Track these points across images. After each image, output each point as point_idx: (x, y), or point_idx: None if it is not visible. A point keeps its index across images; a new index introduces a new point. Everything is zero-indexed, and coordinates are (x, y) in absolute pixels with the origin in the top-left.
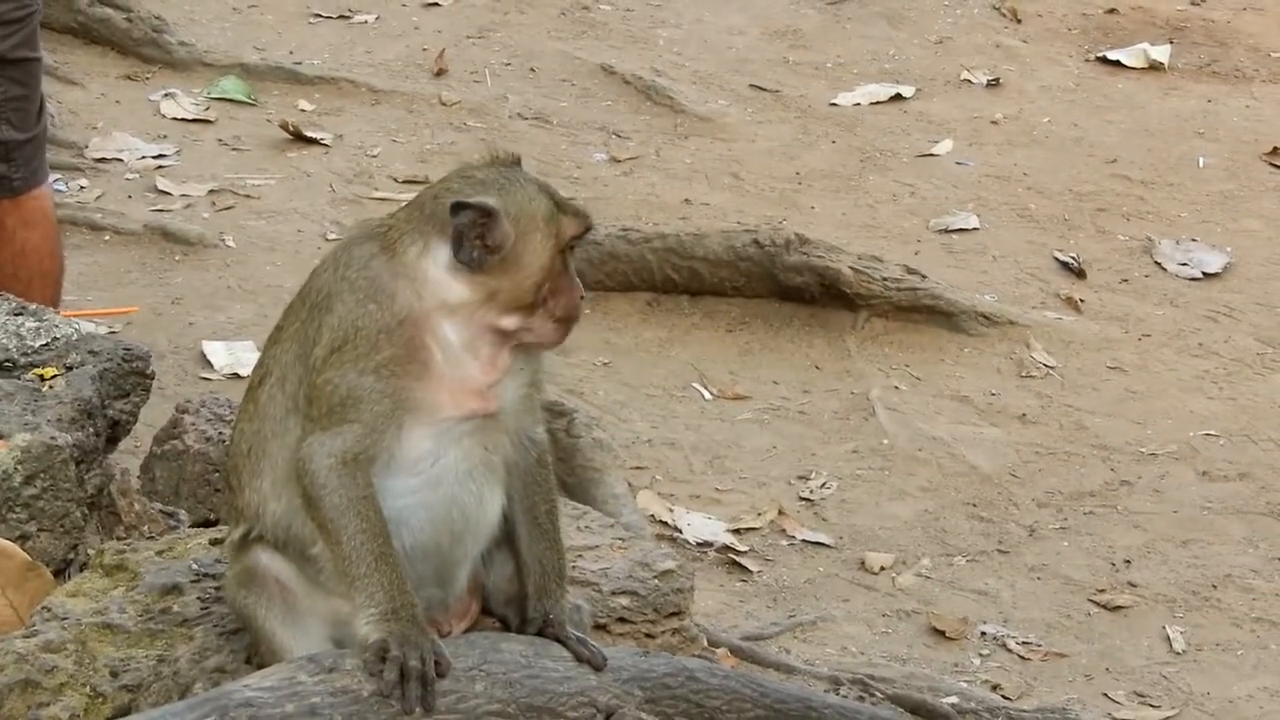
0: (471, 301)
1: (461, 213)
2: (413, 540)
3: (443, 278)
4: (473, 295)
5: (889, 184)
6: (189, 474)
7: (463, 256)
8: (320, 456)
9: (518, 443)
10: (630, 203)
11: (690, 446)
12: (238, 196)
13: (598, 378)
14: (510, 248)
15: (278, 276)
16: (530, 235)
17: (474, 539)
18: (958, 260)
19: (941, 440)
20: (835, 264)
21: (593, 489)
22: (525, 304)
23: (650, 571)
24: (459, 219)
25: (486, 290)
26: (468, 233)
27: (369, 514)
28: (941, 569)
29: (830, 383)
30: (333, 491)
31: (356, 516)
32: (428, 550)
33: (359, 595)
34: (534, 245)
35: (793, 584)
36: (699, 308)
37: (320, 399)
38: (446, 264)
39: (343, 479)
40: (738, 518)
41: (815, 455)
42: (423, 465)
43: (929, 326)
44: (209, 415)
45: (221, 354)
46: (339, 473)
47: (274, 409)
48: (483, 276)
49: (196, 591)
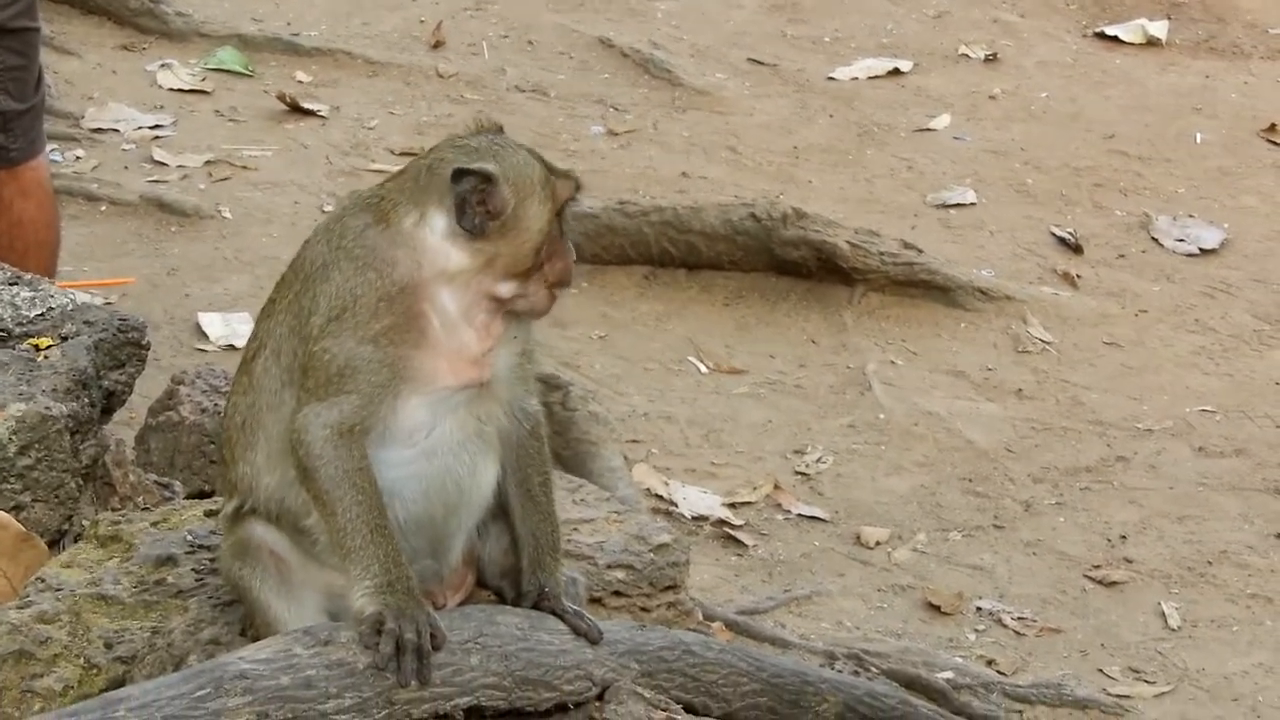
0: (470, 269)
1: (464, 179)
2: (407, 512)
3: (441, 246)
4: (472, 262)
5: (886, 159)
6: (184, 445)
7: (466, 223)
8: (316, 427)
9: (511, 414)
10: (627, 176)
11: (686, 420)
12: (234, 168)
13: (594, 351)
14: (511, 212)
15: (274, 248)
16: (529, 199)
17: (468, 511)
18: (955, 235)
19: (938, 415)
20: (832, 238)
21: (589, 462)
22: (524, 269)
23: (646, 545)
24: (461, 186)
25: (485, 257)
26: (470, 199)
27: (364, 485)
28: (937, 544)
29: (826, 357)
30: (328, 463)
31: (352, 488)
32: (422, 522)
33: (354, 568)
34: (533, 208)
35: (788, 558)
36: (696, 281)
37: (317, 369)
38: (444, 232)
39: (338, 450)
40: (733, 491)
41: (811, 430)
42: (418, 436)
43: (926, 301)
44: (204, 387)
45: (217, 325)
46: (335, 444)
47: (268, 382)
48: (482, 243)
49: (191, 563)
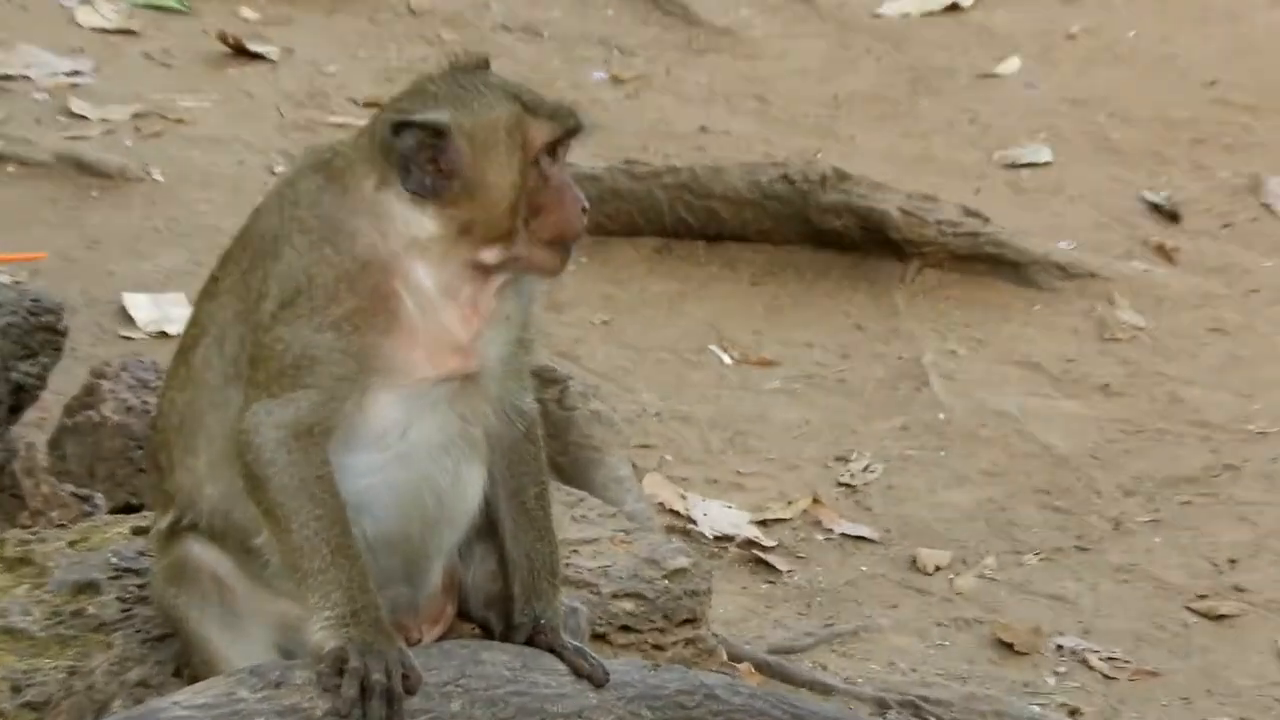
0: (443, 237)
1: (404, 134)
2: (377, 529)
3: (407, 212)
4: (443, 229)
5: (944, 110)
6: (106, 450)
7: (412, 185)
8: (267, 428)
9: (502, 413)
10: (636, 131)
11: (707, 421)
12: (166, 121)
13: (596, 338)
14: (468, 169)
15: (214, 216)
16: (490, 151)
17: (450, 527)
18: (1027, 201)
19: (1008, 415)
20: (880, 204)
21: (590, 471)
22: (503, 231)
23: (659, 570)
24: (402, 142)
25: (456, 222)
26: (414, 157)
27: (324, 497)
28: (1009, 569)
29: (875, 345)
30: (281, 470)
31: (310, 500)
32: (395, 541)
33: (312, 595)
34: (496, 161)
35: (830, 586)
36: (717, 256)
37: (268, 361)
38: (408, 195)
39: (294, 455)
40: (763, 506)
41: (857, 432)
42: (390, 438)
43: (993, 279)
44: (131, 381)
45: (146, 308)
46: (289, 447)
47: (210, 375)
48: (448, 207)
49: (116, 590)
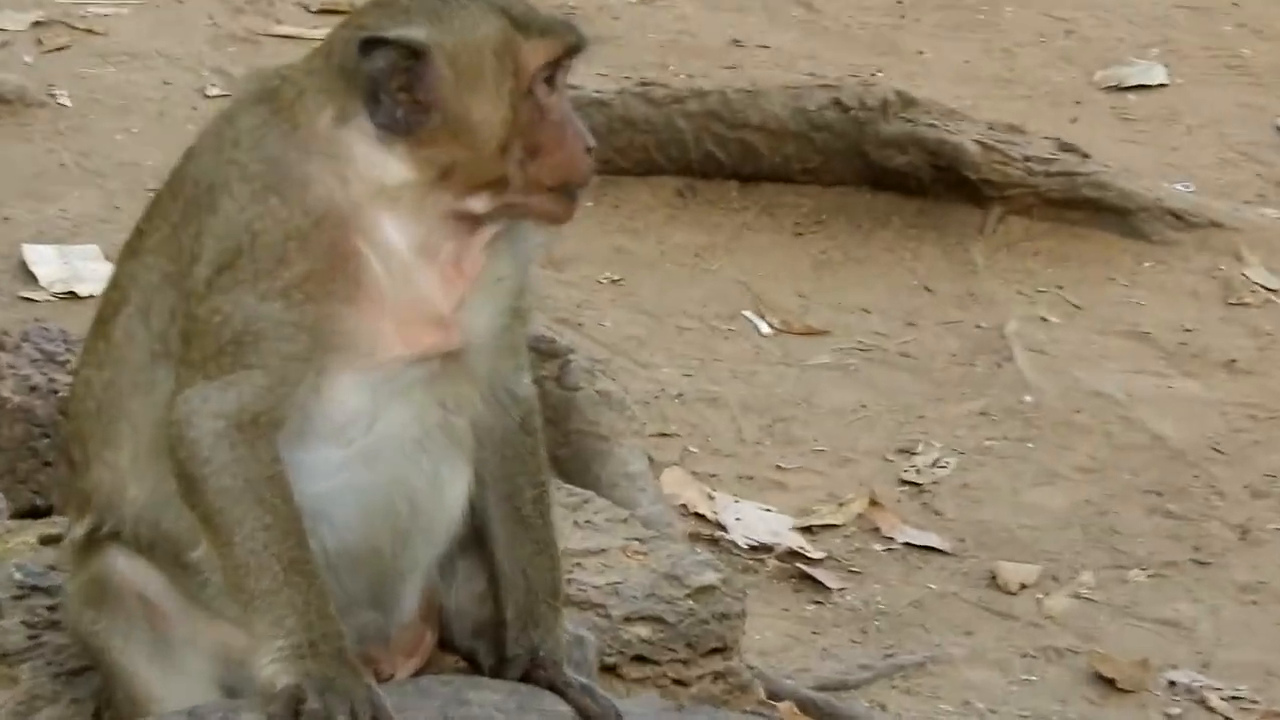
0: (417, 182)
1: (374, 55)
2: (338, 542)
3: (373, 152)
4: (418, 174)
5: (1034, 18)
6: (5, 439)
7: (382, 119)
8: (204, 418)
9: (492, 399)
10: (653, 45)
11: (740, 404)
12: (75, 31)
13: (604, 301)
14: (450, 100)
15: (135, 150)
16: (477, 77)
17: (427, 540)
18: (1135, 132)
19: (1110, 398)
20: (954, 136)
21: (597, 465)
22: (492, 176)
23: (681, 588)
24: (372, 65)
25: (436, 164)
26: (385, 84)
27: (274, 502)
28: (1110, 587)
29: (947, 311)
30: (221, 469)
31: (256, 505)
32: (360, 556)
33: (261, 620)
34: (485, 90)
35: (891, 608)
36: (753, 199)
37: (204, 336)
38: (375, 132)
39: (236, 451)
40: (809, 509)
41: (924, 418)
42: (353, 431)
43: (1092, 230)
44: (34, 354)
45: (51, 263)
46: (231, 441)
47: (134, 351)
48: (424, 146)
49: (20, 612)
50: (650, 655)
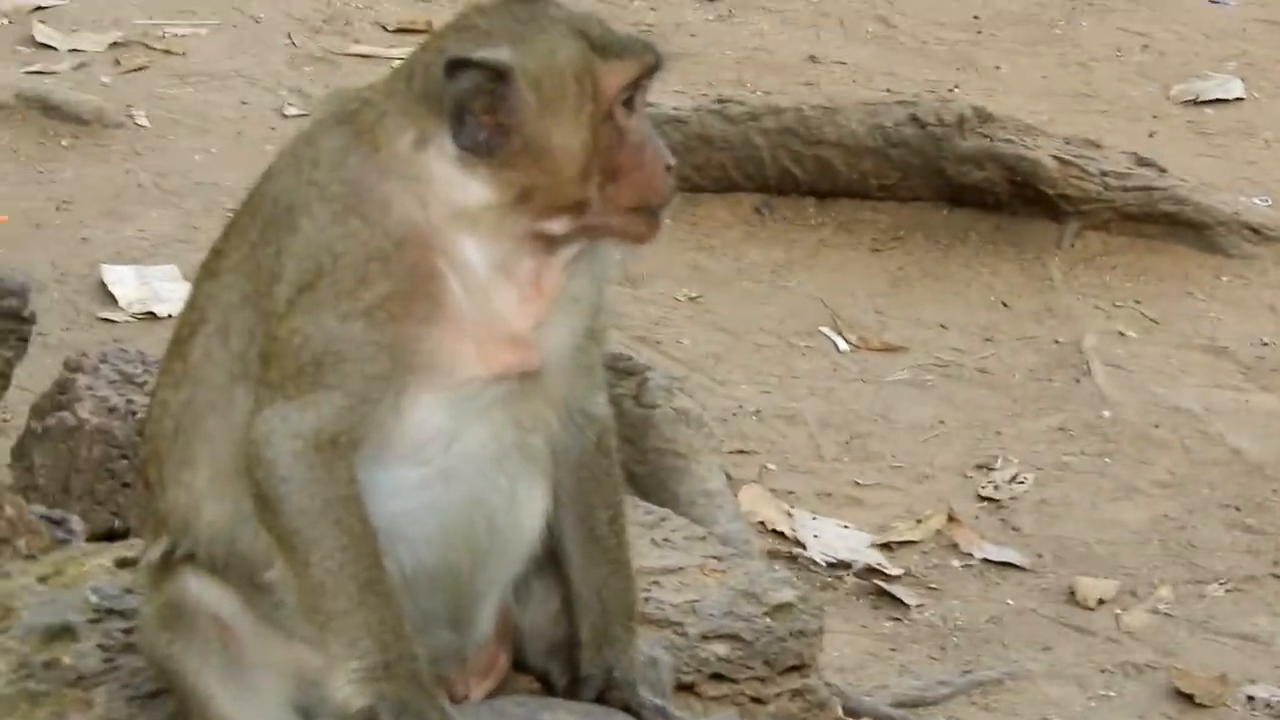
0: (497, 205)
1: (459, 76)
2: (416, 561)
3: (453, 175)
4: (498, 196)
5: (1111, 32)
6: (84, 461)
7: (465, 141)
8: (282, 438)
9: (569, 419)
10: (729, 62)
11: (818, 420)
12: (152, 52)
13: (682, 319)
14: (533, 122)
15: (213, 170)
16: (558, 100)
17: (504, 559)
18: (1212, 146)
19: (1189, 413)
20: (1032, 152)
21: (675, 483)
22: (573, 198)
23: (759, 606)
24: (456, 86)
25: (516, 186)
26: (470, 106)
27: (351, 522)
28: (1189, 602)
29: (1025, 327)
30: (299, 489)
31: (333, 526)
32: (438, 576)
33: (336, 642)
34: (565, 114)
35: (969, 624)
36: (830, 215)
37: (284, 357)
38: (455, 154)
39: (315, 471)
40: (888, 526)
41: (1002, 434)
42: (432, 451)
43: (1170, 244)
44: (112, 375)
45: (130, 283)
46: (309, 461)
47: (212, 372)
48: (504, 169)
49: (96, 635)
50: (728, 673)
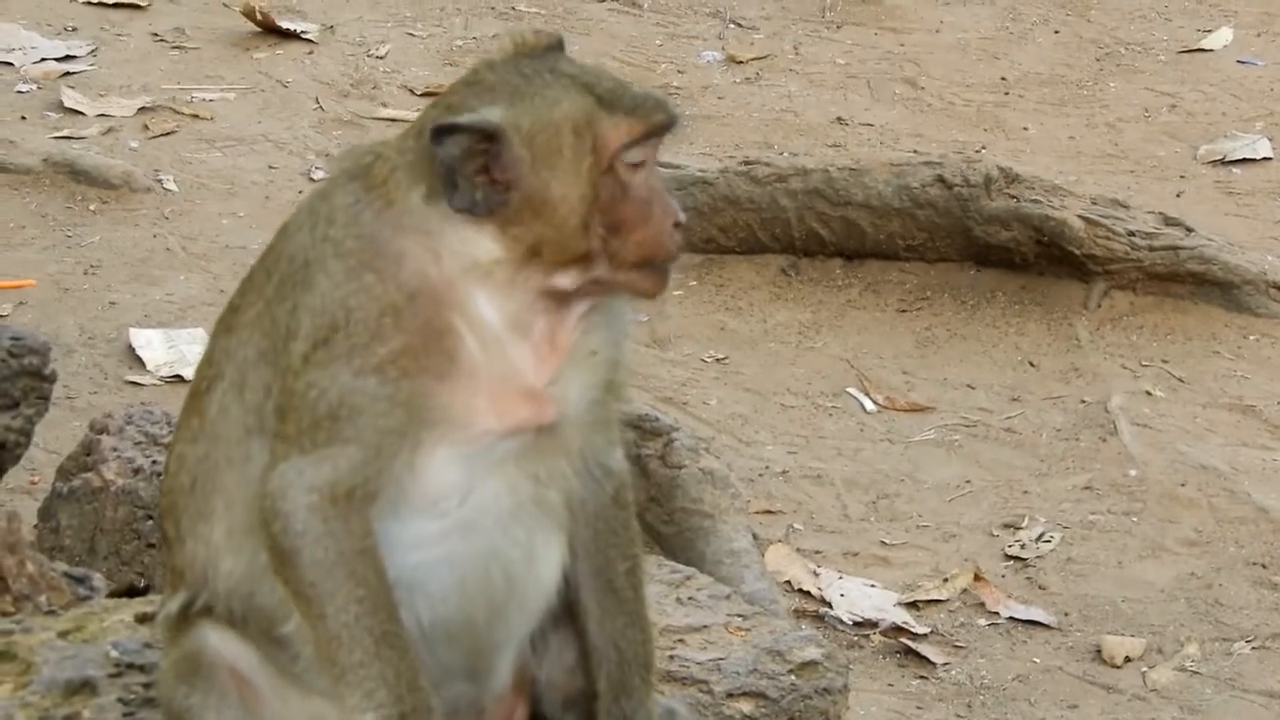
0: (507, 260)
1: (446, 142)
2: (433, 614)
3: (463, 230)
4: (507, 250)
5: (1138, 93)
6: (109, 521)
7: (459, 203)
8: (297, 492)
9: (586, 472)
10: (756, 123)
11: (844, 480)
12: (180, 117)
13: (709, 380)
14: (529, 178)
15: (240, 234)
16: (555, 155)
17: (521, 612)
18: (1241, 206)
19: (1215, 471)
20: (1058, 213)
21: (701, 542)
22: (578, 252)
23: (784, 664)
24: (445, 152)
25: (523, 241)
26: (461, 169)
27: (367, 575)
28: (1216, 660)
29: (1052, 387)
30: (315, 543)
31: (349, 579)
32: (455, 629)
33: (351, 694)
34: (563, 168)
35: (996, 683)
36: (858, 277)
37: (299, 411)
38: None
39: (330, 525)
40: (914, 585)
41: (1029, 493)
42: (448, 504)
43: (1197, 304)
44: (138, 436)
45: (157, 347)
46: (324, 515)
47: (228, 426)
48: (511, 224)
49: (116, 690)
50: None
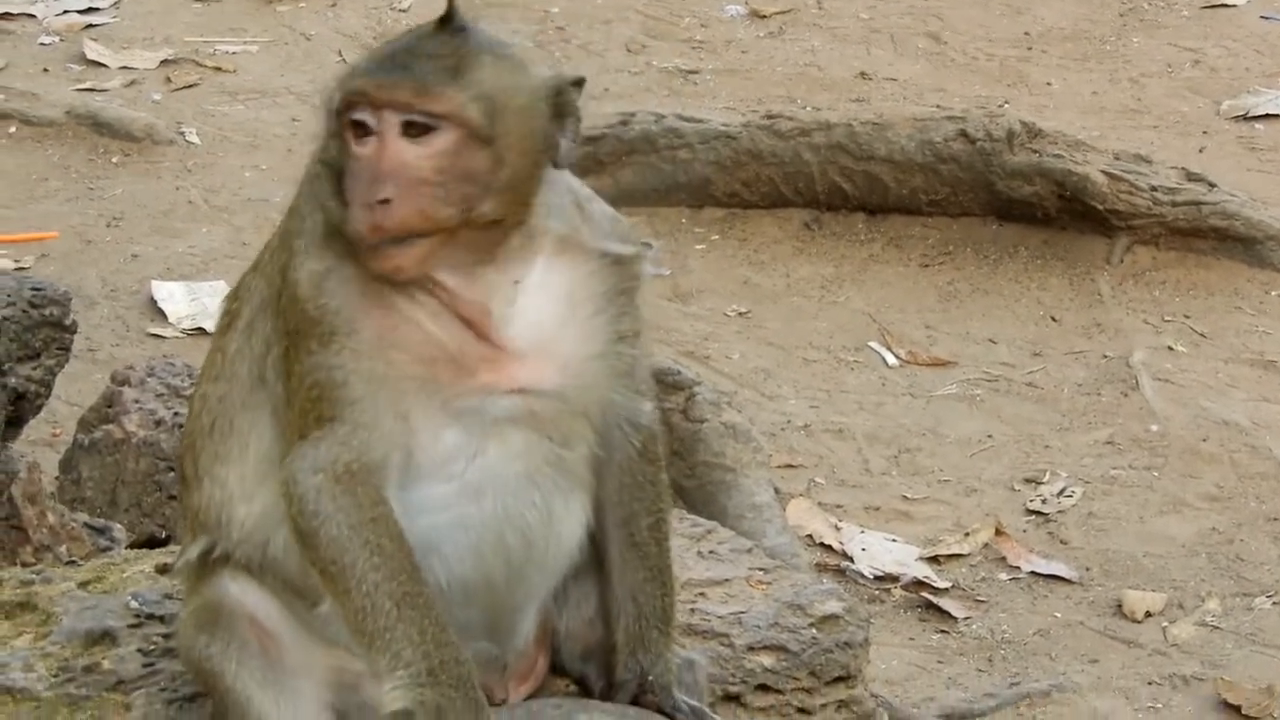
0: None
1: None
2: (450, 575)
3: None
4: None
5: (1161, 48)
6: (130, 473)
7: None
8: (304, 475)
9: (611, 427)
10: (779, 77)
11: (866, 435)
12: (203, 69)
13: (731, 334)
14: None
15: (263, 187)
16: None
17: (542, 572)
18: (1263, 161)
19: (1237, 426)
20: (1081, 167)
21: (723, 496)
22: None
23: (805, 617)
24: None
25: None
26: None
27: (381, 543)
28: (1237, 615)
29: (1073, 341)
30: (327, 521)
31: (363, 549)
32: (474, 589)
33: (381, 657)
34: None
35: (1016, 637)
36: (880, 231)
37: (295, 396)
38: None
39: (338, 501)
40: (935, 539)
41: (1050, 448)
42: (455, 466)
43: (1219, 259)
44: (159, 388)
45: (179, 299)
46: (331, 493)
47: (243, 368)
48: None
49: (136, 640)
50: (774, 684)
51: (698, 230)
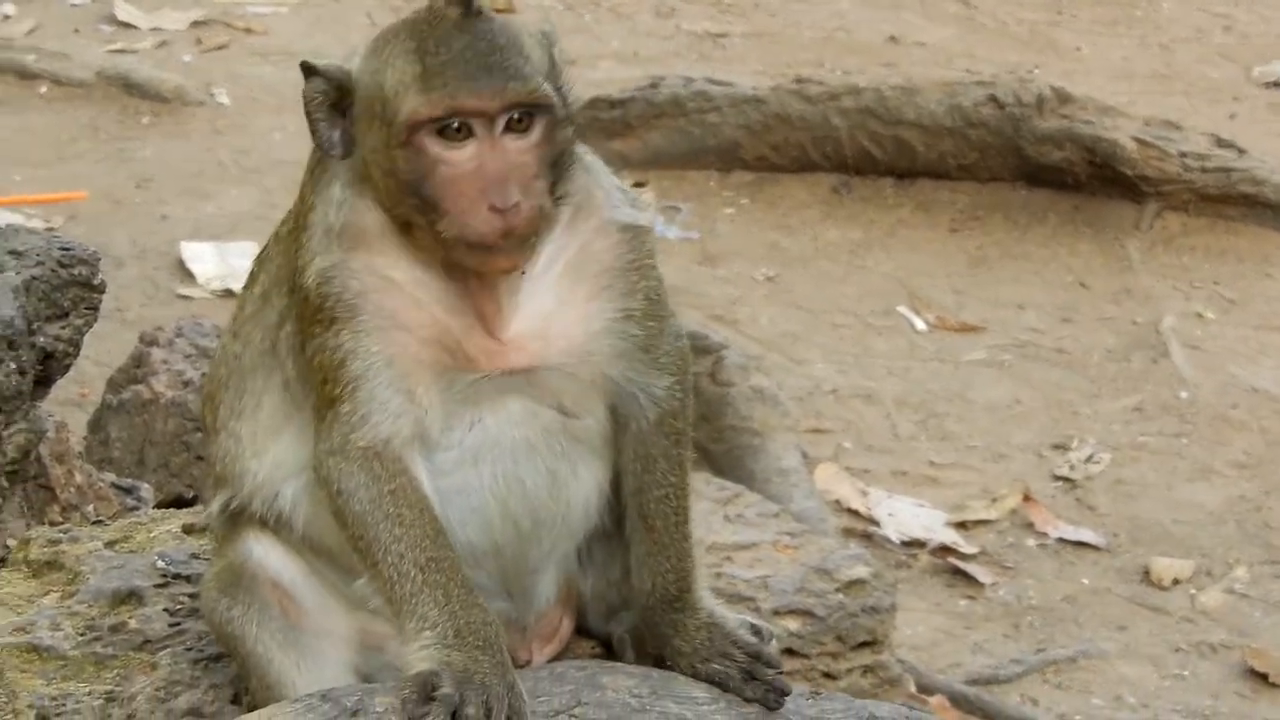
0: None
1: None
2: (457, 537)
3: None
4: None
5: (1192, 14)
6: (158, 434)
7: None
8: (327, 458)
9: (626, 399)
10: (808, 41)
11: (894, 400)
12: (233, 31)
13: (758, 298)
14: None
15: (292, 148)
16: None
17: (554, 536)
18: None
19: (1266, 393)
20: (1111, 133)
21: (750, 460)
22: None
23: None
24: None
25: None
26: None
27: (401, 512)
28: (1264, 582)
29: (1103, 307)
30: (350, 497)
31: (384, 520)
32: (482, 551)
33: (409, 622)
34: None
35: (1043, 603)
36: (909, 196)
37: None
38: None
39: (357, 478)
40: (963, 505)
41: (1079, 414)
42: (454, 435)
43: (1249, 225)
44: (188, 349)
45: (208, 260)
46: (348, 471)
47: (258, 329)
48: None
49: (163, 600)
50: (800, 648)
51: (726, 194)
